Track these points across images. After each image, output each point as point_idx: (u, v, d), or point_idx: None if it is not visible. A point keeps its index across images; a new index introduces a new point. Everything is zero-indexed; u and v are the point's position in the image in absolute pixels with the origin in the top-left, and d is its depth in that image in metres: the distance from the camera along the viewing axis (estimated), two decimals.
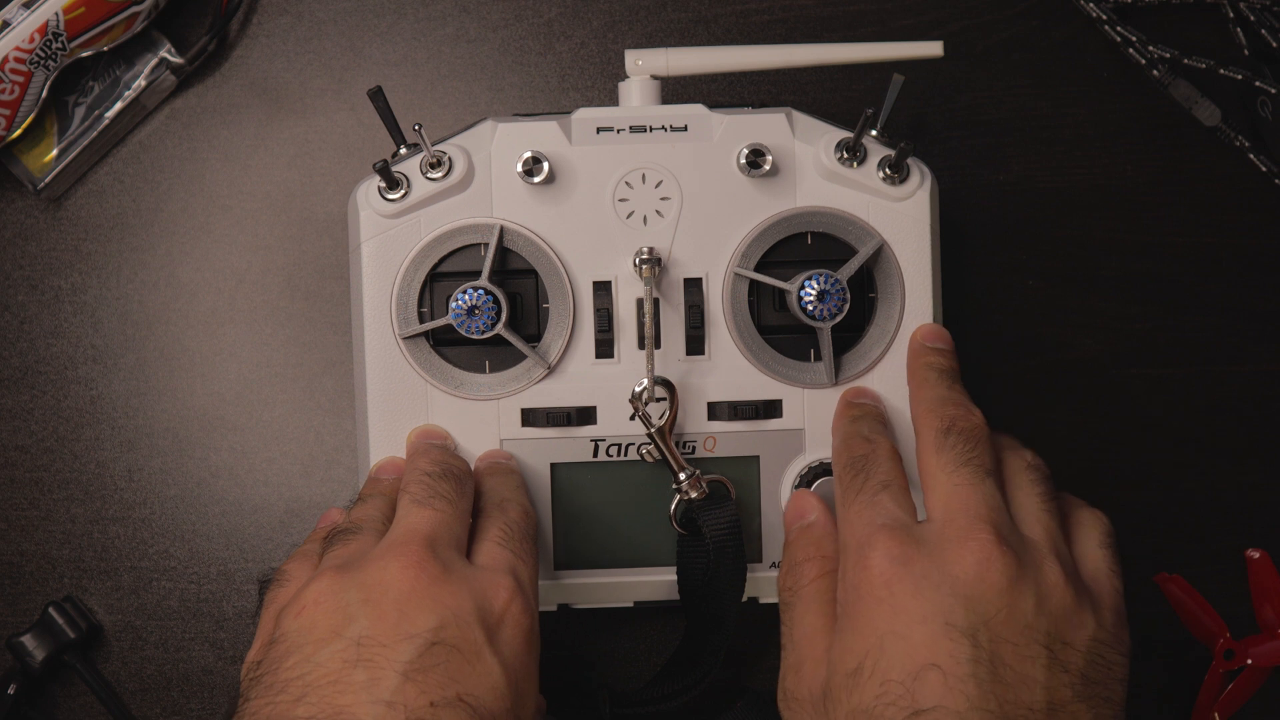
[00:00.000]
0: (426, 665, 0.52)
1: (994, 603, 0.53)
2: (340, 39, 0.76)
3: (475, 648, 0.53)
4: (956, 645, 0.52)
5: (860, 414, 0.62)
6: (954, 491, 0.56)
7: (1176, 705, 0.76)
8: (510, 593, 0.55)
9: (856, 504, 0.57)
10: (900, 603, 0.53)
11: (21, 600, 0.75)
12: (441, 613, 0.53)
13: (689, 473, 0.63)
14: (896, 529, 0.55)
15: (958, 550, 0.54)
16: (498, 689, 0.53)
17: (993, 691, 0.51)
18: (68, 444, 0.75)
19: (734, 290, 0.64)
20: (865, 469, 0.59)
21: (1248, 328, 0.77)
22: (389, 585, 0.54)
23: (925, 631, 0.52)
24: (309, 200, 0.75)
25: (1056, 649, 0.53)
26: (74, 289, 0.75)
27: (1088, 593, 0.55)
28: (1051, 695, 0.52)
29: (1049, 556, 0.55)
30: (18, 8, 0.70)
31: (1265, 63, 0.76)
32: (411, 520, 0.57)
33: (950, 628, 0.52)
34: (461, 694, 0.52)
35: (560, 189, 0.64)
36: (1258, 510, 0.77)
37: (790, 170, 0.64)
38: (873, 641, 0.53)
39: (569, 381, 0.64)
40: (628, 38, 0.76)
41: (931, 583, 0.53)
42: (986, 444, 0.58)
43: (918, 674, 0.52)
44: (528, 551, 0.59)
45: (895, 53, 0.67)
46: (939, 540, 0.54)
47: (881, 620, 0.53)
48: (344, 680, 0.51)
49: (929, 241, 0.64)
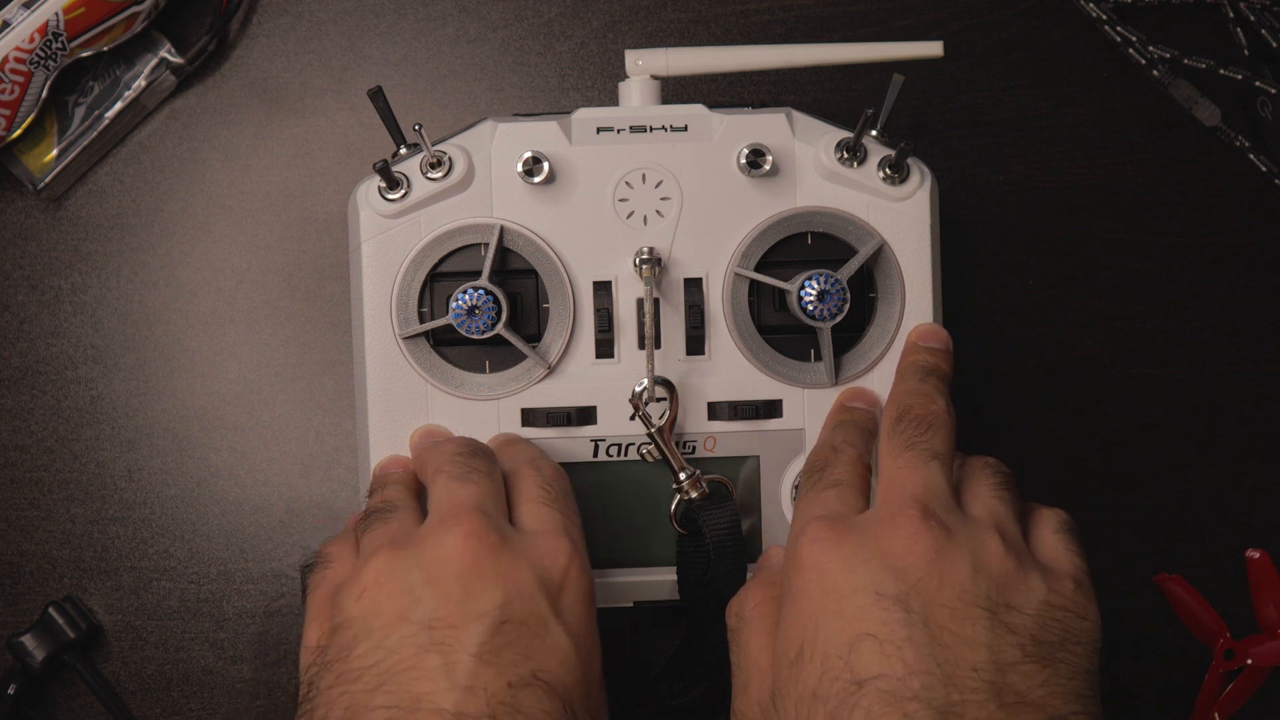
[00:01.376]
0: (499, 645, 0.52)
1: (922, 570, 0.52)
2: (340, 39, 0.76)
3: (542, 620, 0.53)
4: (888, 613, 0.51)
5: (843, 421, 0.62)
6: (895, 474, 0.56)
7: (1176, 705, 0.76)
8: (568, 556, 0.55)
9: (803, 500, 0.58)
10: (830, 582, 0.53)
11: (21, 600, 0.75)
12: (506, 587, 0.53)
13: (689, 472, 0.63)
14: (828, 518, 0.55)
15: (886, 527, 0.54)
16: (568, 660, 0.53)
17: (930, 654, 0.51)
18: (68, 444, 0.75)
19: (734, 290, 0.64)
20: (820, 469, 0.59)
21: (1248, 328, 0.77)
22: (449, 560, 0.53)
23: (856, 603, 0.52)
24: (309, 200, 0.75)
25: (1000, 612, 0.52)
26: (74, 289, 0.75)
27: (1037, 564, 0.55)
28: (996, 655, 0.51)
29: (988, 530, 0.54)
30: (18, 8, 0.70)
31: (1265, 63, 0.76)
32: (456, 495, 0.56)
33: (880, 597, 0.52)
34: (536, 671, 0.52)
35: (560, 189, 0.64)
36: (1258, 510, 0.77)
37: (790, 170, 0.64)
38: (808, 624, 0.53)
39: (569, 381, 0.64)
40: (628, 38, 0.76)
41: (860, 558, 0.53)
42: (941, 430, 0.58)
43: (852, 645, 0.51)
44: (572, 508, 0.58)
45: (895, 53, 0.67)
46: (871, 521, 0.55)
47: (814, 602, 0.53)
48: (419, 666, 0.51)
49: (929, 241, 0.64)
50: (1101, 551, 0.76)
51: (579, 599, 0.55)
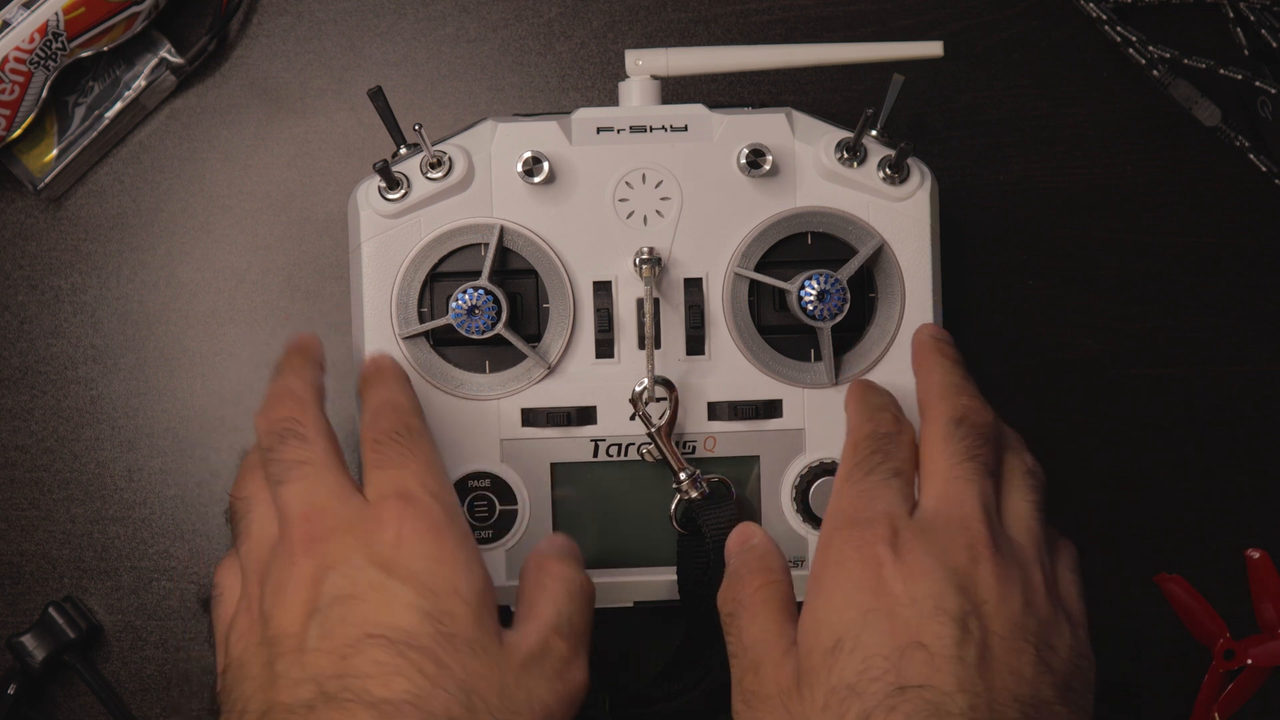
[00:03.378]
0: (329, 628, 0.53)
1: (985, 595, 0.53)
2: (340, 39, 0.76)
3: (371, 584, 0.53)
4: (944, 628, 0.52)
5: (886, 399, 0.62)
6: (954, 484, 0.56)
7: (1176, 705, 0.76)
8: (396, 513, 0.55)
9: (867, 481, 0.57)
10: (888, 584, 0.53)
11: (21, 600, 0.75)
12: (332, 574, 0.54)
13: (689, 472, 0.63)
14: (897, 517, 0.55)
15: (951, 540, 0.54)
16: (409, 604, 0.53)
17: (981, 677, 0.51)
18: (68, 444, 0.75)
19: (734, 290, 0.64)
20: (886, 449, 0.58)
21: (1248, 328, 0.77)
22: (286, 580, 0.55)
23: (914, 612, 0.52)
24: (309, 200, 0.75)
25: (1043, 650, 0.53)
26: (74, 289, 0.75)
27: (1063, 607, 0.56)
28: (1037, 691, 0.52)
29: (1035, 563, 0.55)
30: (18, 8, 0.70)
31: (1265, 63, 0.76)
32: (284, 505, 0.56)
33: (940, 611, 0.52)
34: (369, 631, 0.52)
35: (560, 189, 0.64)
36: (1258, 510, 0.77)
37: (790, 170, 0.64)
38: (854, 617, 0.53)
39: (569, 381, 0.64)
40: (628, 38, 0.76)
41: (924, 568, 0.53)
42: (994, 444, 0.58)
43: (904, 651, 0.52)
44: (402, 453, 0.57)
45: (895, 53, 0.67)
46: (932, 529, 0.55)
47: (865, 598, 0.53)
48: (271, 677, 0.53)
49: (929, 241, 0.64)
50: (1102, 551, 0.76)
51: (416, 542, 0.54)
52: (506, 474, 0.64)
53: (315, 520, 0.55)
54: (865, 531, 0.55)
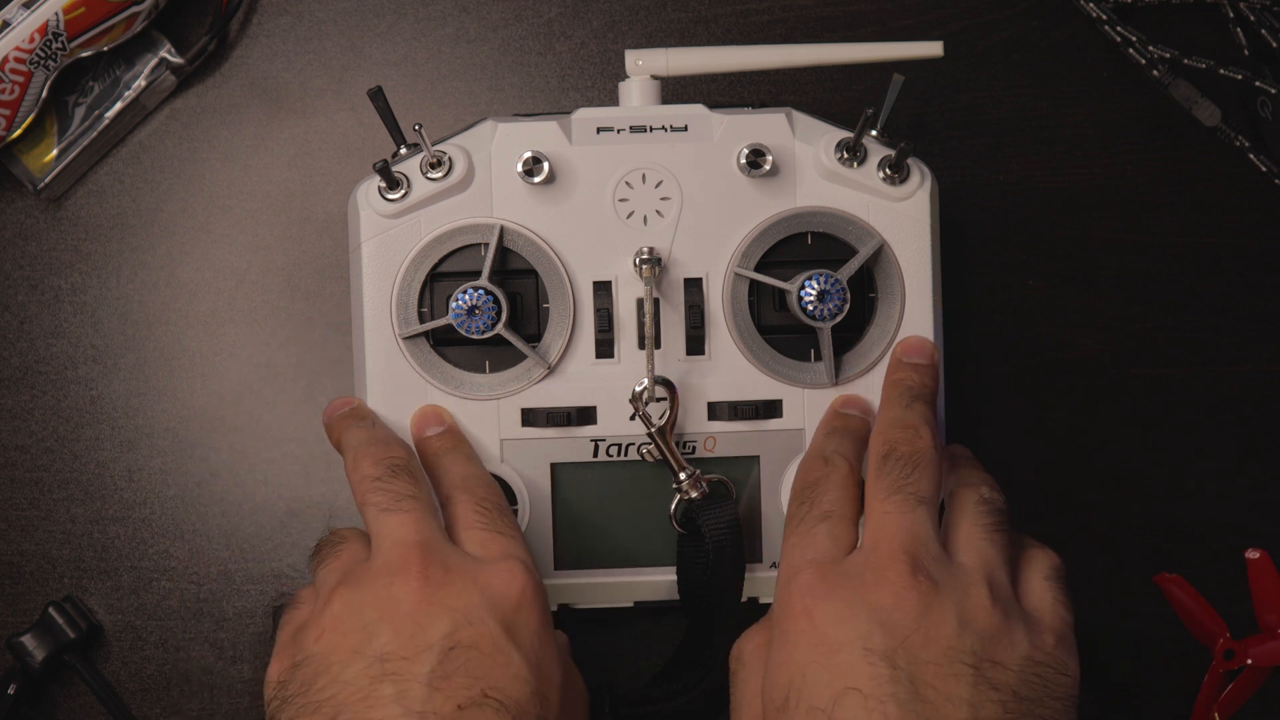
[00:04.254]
0: (448, 671, 0.53)
1: (909, 626, 0.53)
2: (340, 39, 0.76)
3: (493, 642, 0.54)
4: (874, 668, 0.52)
5: (835, 428, 0.62)
6: (883, 519, 0.56)
7: (1176, 705, 0.76)
8: (522, 579, 0.56)
9: (794, 535, 0.58)
10: (821, 633, 0.54)
11: (21, 600, 0.75)
12: (454, 616, 0.54)
13: (689, 472, 0.63)
14: (822, 563, 0.56)
15: (875, 579, 0.54)
16: (521, 676, 0.54)
17: (913, 710, 0.51)
18: (68, 444, 0.75)
19: (734, 290, 0.64)
20: (811, 497, 0.59)
21: (1248, 328, 0.77)
22: (399, 600, 0.55)
23: (844, 658, 0.53)
24: (309, 200, 0.75)
25: (984, 668, 0.53)
26: (74, 289, 0.75)
27: (1023, 616, 0.55)
28: (978, 711, 0.52)
29: (977, 581, 0.55)
30: (18, 8, 0.70)
31: (1265, 63, 0.76)
32: (392, 530, 0.57)
33: (869, 652, 0.52)
34: (486, 690, 0.53)
35: (560, 189, 0.64)
36: (1258, 510, 0.77)
37: (790, 170, 0.64)
38: (796, 672, 0.53)
39: (569, 381, 0.64)
40: (628, 38, 0.76)
41: (851, 610, 0.53)
42: (927, 469, 0.58)
43: (837, 699, 0.52)
44: (512, 525, 0.59)
45: (895, 53, 0.67)
46: (861, 570, 0.55)
47: (803, 652, 0.54)
48: (373, 695, 0.53)
49: (929, 242, 0.64)
50: (1102, 551, 0.76)
51: (533, 617, 0.56)
52: (506, 474, 0.64)
53: (433, 553, 0.56)
54: (796, 582, 0.55)
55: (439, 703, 0.52)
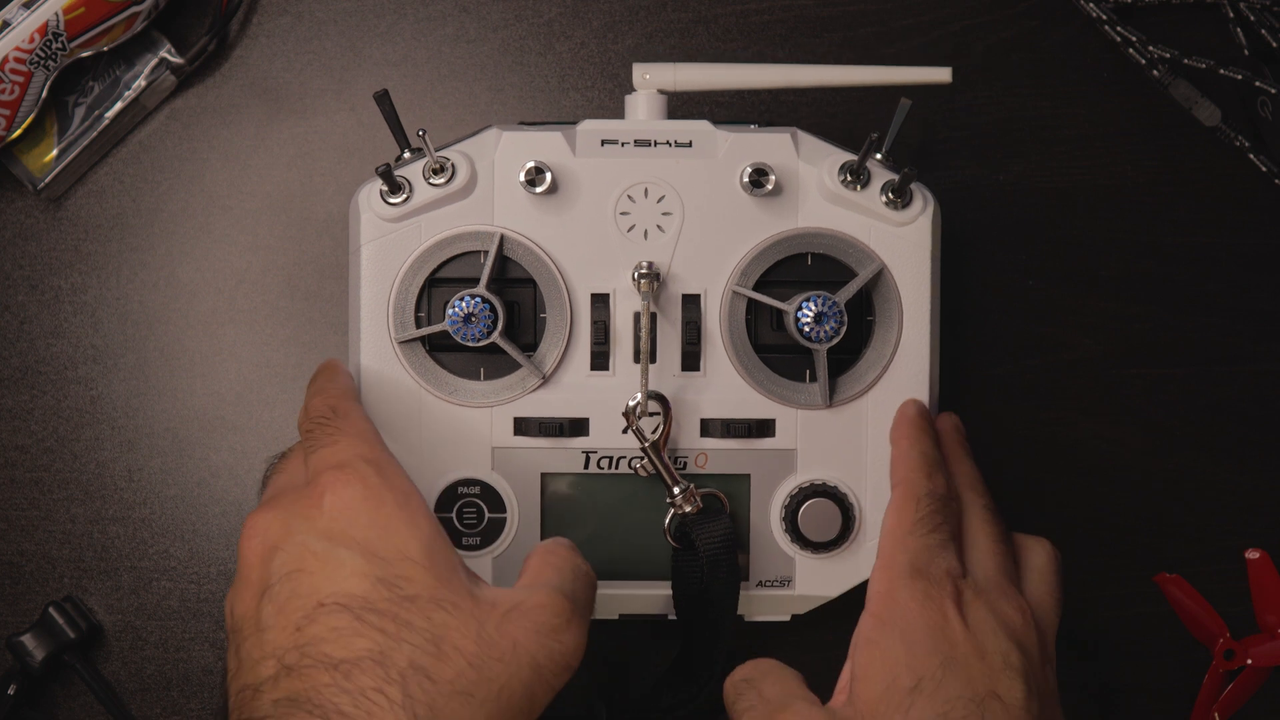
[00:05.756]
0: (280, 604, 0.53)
1: (1035, 658, 0.58)
2: (340, 39, 0.76)
3: (319, 558, 0.54)
4: (1015, 683, 0.57)
5: (937, 452, 0.64)
6: (992, 552, 0.61)
7: (1176, 705, 0.76)
8: (330, 483, 0.55)
9: (931, 539, 0.60)
10: (957, 637, 0.57)
11: (21, 600, 0.75)
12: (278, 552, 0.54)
13: (683, 487, 0.63)
14: (959, 578, 0.59)
15: (1005, 604, 0.59)
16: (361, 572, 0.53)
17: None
18: (68, 444, 0.75)
19: (732, 308, 0.64)
20: (946, 513, 0.61)
21: (1248, 328, 0.77)
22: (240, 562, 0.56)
23: (985, 666, 0.57)
24: (309, 200, 0.75)
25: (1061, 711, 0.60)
26: (74, 289, 0.75)
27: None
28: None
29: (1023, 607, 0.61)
30: (18, 8, 0.70)
31: (1265, 63, 0.76)
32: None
33: (1009, 667, 0.57)
34: (321, 601, 0.53)
35: (562, 200, 0.64)
36: (1258, 510, 0.77)
37: (793, 190, 0.64)
38: (935, 663, 0.56)
39: (563, 392, 0.64)
40: (628, 38, 0.76)
41: (989, 626, 0.58)
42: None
43: (983, 700, 0.56)
44: (335, 428, 0.58)
45: (903, 77, 0.66)
46: (987, 592, 0.59)
47: (943, 646, 0.57)
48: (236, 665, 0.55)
49: (929, 267, 0.64)
50: (1102, 551, 0.76)
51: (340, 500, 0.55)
52: (496, 482, 0.64)
53: (269, 502, 0.57)
54: (933, 587, 0.58)
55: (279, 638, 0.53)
